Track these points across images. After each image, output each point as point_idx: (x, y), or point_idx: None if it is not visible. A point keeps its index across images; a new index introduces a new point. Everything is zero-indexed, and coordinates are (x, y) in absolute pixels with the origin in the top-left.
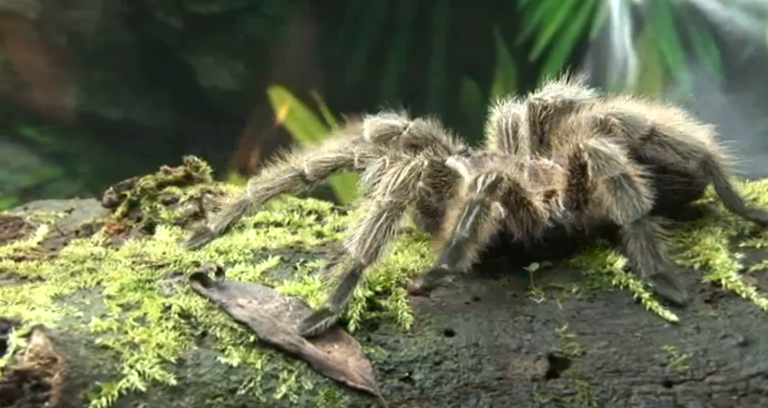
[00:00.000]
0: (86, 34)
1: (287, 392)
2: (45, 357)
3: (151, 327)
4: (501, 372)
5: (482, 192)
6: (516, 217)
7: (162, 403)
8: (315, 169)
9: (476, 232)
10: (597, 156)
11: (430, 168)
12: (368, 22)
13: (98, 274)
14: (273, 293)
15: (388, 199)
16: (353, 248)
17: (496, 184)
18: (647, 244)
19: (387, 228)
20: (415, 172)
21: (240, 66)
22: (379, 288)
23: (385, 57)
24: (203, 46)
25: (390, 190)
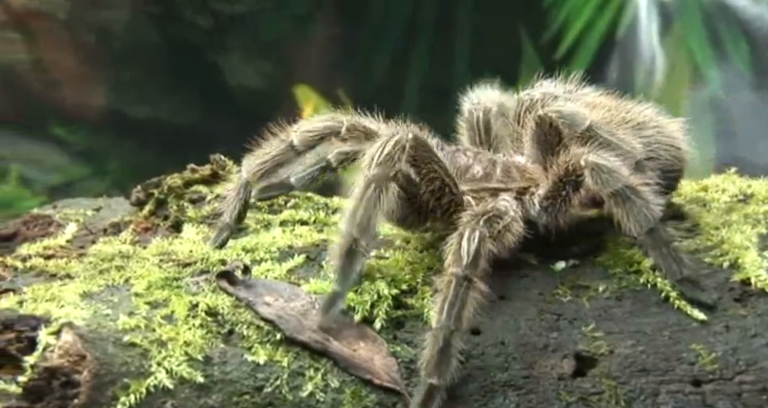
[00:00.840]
0: (115, 33)
1: (313, 390)
2: (74, 354)
3: (178, 325)
4: (527, 371)
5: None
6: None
7: (189, 401)
8: (302, 138)
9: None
10: (600, 171)
11: (414, 141)
12: (392, 21)
13: (126, 272)
14: (299, 291)
15: (374, 172)
16: (345, 224)
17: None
18: (667, 251)
19: (375, 199)
20: (399, 145)
21: (266, 65)
22: (404, 287)
23: (409, 56)
24: (230, 45)
25: (376, 163)
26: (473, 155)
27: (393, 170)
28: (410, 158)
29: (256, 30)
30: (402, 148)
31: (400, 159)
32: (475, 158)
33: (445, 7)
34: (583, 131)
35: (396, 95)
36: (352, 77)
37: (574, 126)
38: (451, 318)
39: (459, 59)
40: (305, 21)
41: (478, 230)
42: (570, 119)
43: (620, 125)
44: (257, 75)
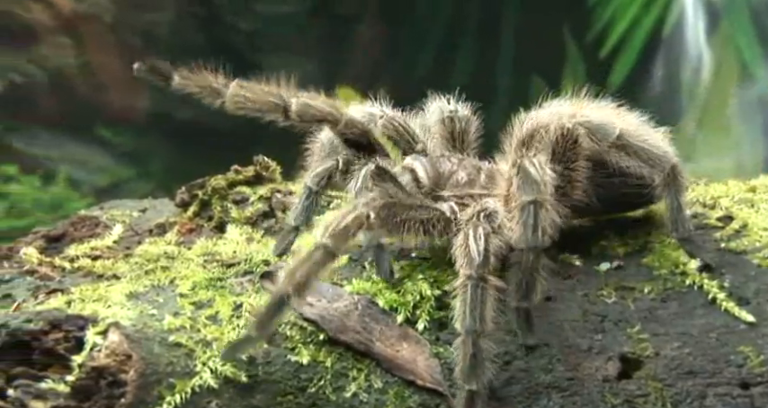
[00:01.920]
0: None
1: (357, 390)
2: (120, 354)
3: (223, 325)
4: (572, 372)
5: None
6: None
7: (233, 401)
8: (300, 109)
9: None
10: (523, 176)
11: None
12: (436, 21)
13: (171, 272)
14: (342, 292)
15: (325, 242)
16: (282, 278)
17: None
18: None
19: (317, 266)
20: (358, 221)
21: (309, 66)
22: (447, 288)
23: (452, 56)
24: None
25: (330, 234)
26: (458, 161)
27: (344, 245)
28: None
29: (299, 31)
30: (359, 226)
31: (355, 235)
32: (459, 164)
33: (489, 7)
34: (614, 140)
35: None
36: (395, 78)
37: (605, 137)
38: (476, 321)
39: (503, 59)
40: (348, 21)
41: (481, 227)
42: (601, 130)
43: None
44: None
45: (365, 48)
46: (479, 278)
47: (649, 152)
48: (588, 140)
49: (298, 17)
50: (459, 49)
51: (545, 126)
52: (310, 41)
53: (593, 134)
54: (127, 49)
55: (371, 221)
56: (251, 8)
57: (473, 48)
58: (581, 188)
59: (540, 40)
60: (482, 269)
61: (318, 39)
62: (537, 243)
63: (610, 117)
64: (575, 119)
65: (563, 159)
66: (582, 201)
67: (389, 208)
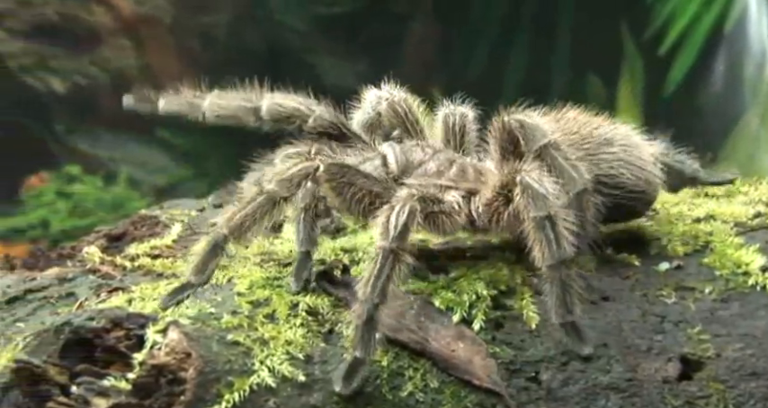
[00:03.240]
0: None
1: (413, 390)
2: (180, 352)
3: (280, 324)
4: (631, 373)
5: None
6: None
7: (291, 399)
8: (270, 109)
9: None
10: (529, 192)
11: (326, 173)
12: (490, 19)
13: (229, 271)
14: (397, 291)
15: (270, 187)
16: (221, 219)
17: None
18: (561, 291)
19: (259, 211)
20: (304, 172)
21: (362, 66)
22: (503, 287)
23: (506, 54)
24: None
25: (276, 179)
26: (432, 152)
27: (287, 192)
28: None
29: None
30: (306, 176)
31: (299, 185)
32: (432, 156)
33: (544, 4)
34: (539, 148)
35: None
36: (449, 77)
37: (532, 141)
38: (376, 291)
39: (558, 57)
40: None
41: (409, 205)
42: (530, 132)
43: (584, 138)
44: (353, 75)
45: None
46: (391, 251)
47: (563, 170)
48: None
49: (351, 17)
50: (514, 47)
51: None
52: (363, 41)
53: (522, 134)
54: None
55: (319, 174)
56: (305, 9)
57: (527, 46)
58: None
59: (596, 38)
60: (396, 243)
61: (371, 39)
62: (563, 255)
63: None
64: (513, 115)
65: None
66: None
67: (341, 167)
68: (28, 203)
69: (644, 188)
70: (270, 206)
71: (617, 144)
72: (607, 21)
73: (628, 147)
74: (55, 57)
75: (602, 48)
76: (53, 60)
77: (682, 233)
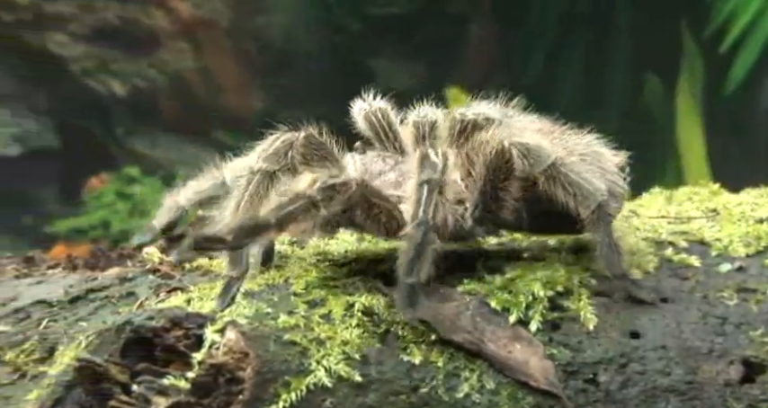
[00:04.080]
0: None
1: (469, 391)
2: (238, 351)
3: (336, 324)
4: (691, 376)
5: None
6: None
7: (347, 399)
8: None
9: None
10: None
11: (305, 140)
12: (548, 19)
13: (285, 272)
14: (453, 292)
15: (261, 165)
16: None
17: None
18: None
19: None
20: (287, 142)
21: (419, 67)
22: (560, 288)
23: (563, 54)
24: (384, 48)
25: (263, 157)
26: (393, 163)
27: (278, 165)
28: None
29: (408, 32)
30: (290, 144)
31: (287, 155)
32: (393, 167)
33: (602, 4)
34: (547, 168)
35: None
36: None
37: (539, 162)
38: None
39: (617, 56)
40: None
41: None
42: (536, 154)
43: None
44: (409, 77)
45: (476, 49)
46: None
47: (578, 186)
48: (520, 163)
49: (407, 18)
50: (572, 48)
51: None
52: (420, 42)
53: (525, 157)
54: (241, 53)
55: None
56: (361, 10)
57: (586, 46)
58: (508, 207)
59: (655, 37)
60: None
61: (428, 40)
62: (427, 218)
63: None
64: (510, 139)
65: (493, 177)
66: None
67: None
68: (89, 204)
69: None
70: (267, 181)
71: (577, 153)
72: (666, 19)
73: (587, 157)
74: (115, 61)
75: (662, 46)
76: (113, 63)
77: (744, 233)
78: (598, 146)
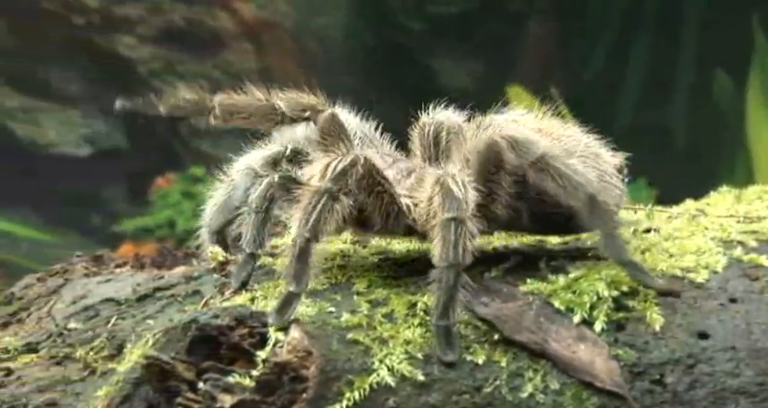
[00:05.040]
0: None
1: (533, 391)
2: (301, 350)
3: (398, 323)
4: (762, 377)
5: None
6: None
7: (410, 399)
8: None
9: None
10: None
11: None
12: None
13: (347, 271)
14: (516, 291)
15: (328, 186)
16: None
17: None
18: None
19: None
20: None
21: (478, 65)
22: (625, 288)
23: (627, 51)
24: (443, 46)
25: (330, 178)
26: (392, 160)
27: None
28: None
29: (469, 31)
30: (353, 164)
31: (352, 175)
32: (392, 164)
33: None
34: (536, 160)
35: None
36: (567, 75)
37: (527, 154)
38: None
39: (684, 52)
40: (518, 19)
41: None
42: (524, 146)
43: None
44: (468, 75)
45: (535, 46)
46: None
47: (567, 177)
48: (510, 155)
49: (466, 16)
50: (635, 44)
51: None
52: (479, 40)
53: (513, 149)
54: (303, 53)
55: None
56: (421, 9)
57: (650, 42)
58: (502, 203)
59: (724, 32)
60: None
61: (487, 38)
62: (458, 260)
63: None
64: (499, 132)
65: (484, 172)
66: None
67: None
68: (156, 203)
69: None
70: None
71: (576, 155)
72: (737, 15)
73: (587, 158)
74: (181, 62)
75: (731, 42)
76: (179, 65)
77: None
78: (597, 147)
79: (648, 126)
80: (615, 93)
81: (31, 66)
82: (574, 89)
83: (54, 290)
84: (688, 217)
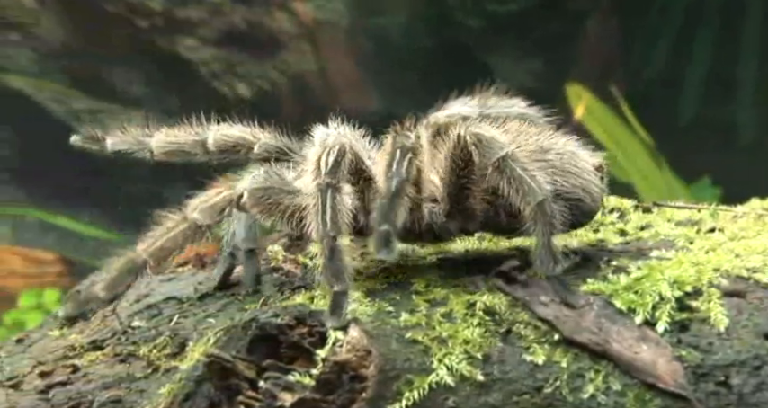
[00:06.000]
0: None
1: (594, 392)
2: (361, 349)
3: (457, 323)
4: None
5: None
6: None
7: (470, 399)
8: (216, 139)
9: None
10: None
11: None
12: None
13: (406, 270)
14: (577, 292)
15: (194, 216)
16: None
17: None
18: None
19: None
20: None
21: (537, 64)
22: (689, 289)
23: (690, 47)
24: (501, 45)
25: (200, 208)
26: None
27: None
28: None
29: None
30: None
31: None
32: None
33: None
34: (497, 160)
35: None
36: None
37: (490, 153)
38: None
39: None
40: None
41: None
42: (488, 144)
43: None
44: (527, 74)
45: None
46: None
47: (521, 181)
48: (475, 152)
49: (525, 14)
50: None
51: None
52: (538, 38)
53: (477, 147)
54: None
55: (243, 201)
56: (480, 7)
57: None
58: (475, 197)
59: None
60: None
61: (546, 36)
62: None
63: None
64: (467, 129)
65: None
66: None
67: (266, 190)
68: None
69: (581, 196)
70: (192, 233)
71: (553, 152)
72: None
73: (563, 156)
74: (241, 63)
75: None
76: (239, 66)
77: None
78: (575, 146)
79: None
80: (677, 90)
81: (96, 68)
82: (635, 87)
83: None
84: (754, 217)
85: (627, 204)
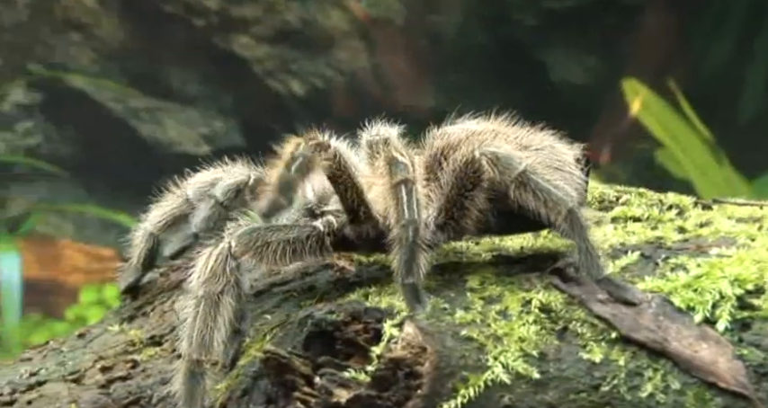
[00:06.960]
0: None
1: (653, 390)
2: (416, 346)
3: (512, 320)
4: None
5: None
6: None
7: (526, 396)
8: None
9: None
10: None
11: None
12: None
13: (460, 267)
14: (632, 288)
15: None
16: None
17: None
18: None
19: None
20: (222, 255)
21: (592, 60)
22: (750, 286)
23: (751, 42)
24: (556, 41)
25: (201, 282)
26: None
27: (220, 285)
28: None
29: (584, 25)
30: (225, 258)
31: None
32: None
33: None
34: (518, 175)
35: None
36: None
37: (509, 170)
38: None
39: None
40: (635, 12)
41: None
42: (506, 162)
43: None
44: (583, 70)
45: (652, 40)
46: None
47: (549, 193)
48: (491, 171)
49: (581, 11)
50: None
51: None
52: (594, 35)
53: (495, 166)
54: (415, 50)
55: (234, 250)
56: (536, 4)
57: None
58: (471, 216)
59: None
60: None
61: (603, 32)
62: (413, 216)
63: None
64: (481, 148)
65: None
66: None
67: (251, 232)
68: None
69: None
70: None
71: (531, 148)
72: None
73: (542, 150)
74: (295, 61)
75: None
76: (293, 64)
77: None
78: (552, 140)
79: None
80: (738, 88)
81: (154, 67)
82: (694, 83)
83: (176, 285)
84: None
85: (686, 201)
